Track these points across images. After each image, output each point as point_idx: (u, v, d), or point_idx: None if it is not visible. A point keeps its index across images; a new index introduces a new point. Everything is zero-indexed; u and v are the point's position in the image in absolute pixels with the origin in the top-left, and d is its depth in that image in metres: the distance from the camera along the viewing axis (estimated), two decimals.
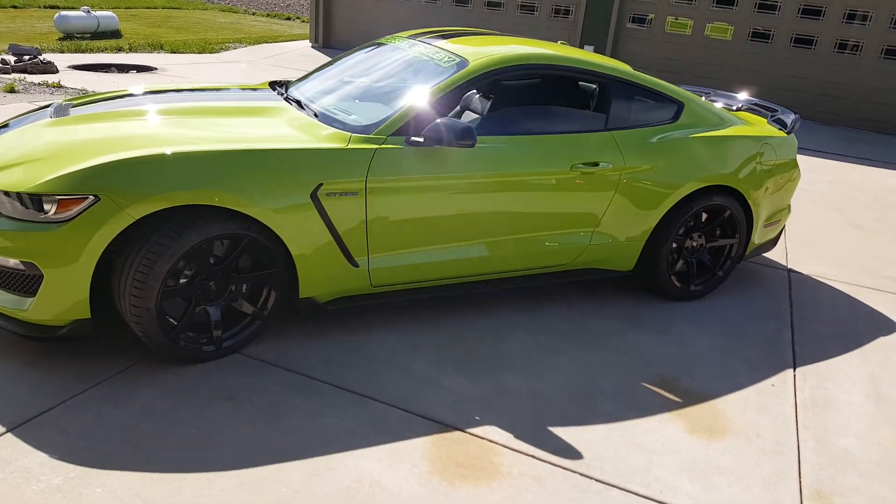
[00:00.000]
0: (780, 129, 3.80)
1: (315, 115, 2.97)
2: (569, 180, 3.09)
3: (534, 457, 2.33)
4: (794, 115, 3.87)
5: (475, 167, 2.88)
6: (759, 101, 4.13)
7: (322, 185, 2.61)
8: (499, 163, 2.94)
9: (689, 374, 2.96)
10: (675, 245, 3.49)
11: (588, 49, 4.24)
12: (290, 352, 2.80)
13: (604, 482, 2.26)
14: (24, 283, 2.44)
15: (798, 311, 3.70)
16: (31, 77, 7.51)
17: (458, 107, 3.05)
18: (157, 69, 8.88)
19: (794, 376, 3.05)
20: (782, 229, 4.04)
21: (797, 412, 2.78)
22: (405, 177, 2.75)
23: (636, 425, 2.57)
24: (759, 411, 2.75)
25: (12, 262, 2.40)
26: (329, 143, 2.70)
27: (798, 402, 2.85)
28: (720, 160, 3.42)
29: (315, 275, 2.72)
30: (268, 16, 20.48)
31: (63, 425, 2.24)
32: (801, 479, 2.37)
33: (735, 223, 3.57)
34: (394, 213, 2.78)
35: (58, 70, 8.04)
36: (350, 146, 2.70)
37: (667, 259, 3.45)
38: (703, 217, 3.52)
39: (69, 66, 8.46)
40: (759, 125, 3.79)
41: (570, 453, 2.37)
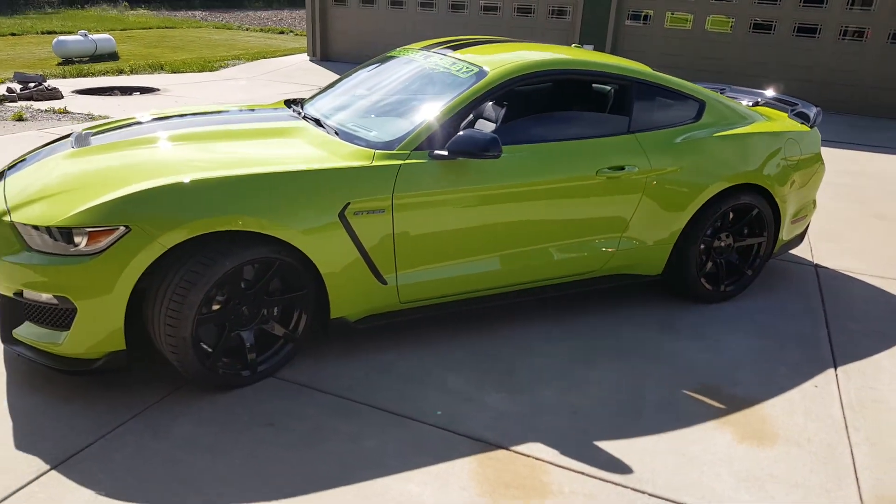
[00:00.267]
0: (803, 123, 3.75)
1: (336, 132, 2.93)
2: (595, 186, 3.04)
3: (583, 473, 2.28)
4: (816, 108, 3.82)
5: (501, 177, 2.84)
6: (779, 96, 4.08)
7: (349, 204, 2.57)
8: (524, 172, 2.89)
9: (731, 380, 2.90)
10: (703, 246, 3.44)
11: (587, 48, 4.22)
12: (322, 373, 2.75)
13: (657, 496, 2.20)
14: (58, 316, 2.40)
15: (831, 308, 3.64)
16: (37, 104, 7.51)
17: (471, 115, 3.01)
18: (159, 90, 8.88)
19: (837, 376, 2.98)
20: (808, 224, 3.98)
21: (844, 413, 2.71)
22: (430, 191, 2.71)
23: (683, 435, 2.51)
24: (805, 415, 2.69)
25: (45, 297, 2.37)
26: (353, 161, 2.67)
27: (844, 403, 2.79)
28: (746, 158, 3.37)
29: (345, 294, 2.68)
30: (262, 31, 20.52)
31: (105, 461, 2.20)
32: (859, 485, 2.31)
33: (763, 221, 3.52)
34: (420, 229, 2.74)
35: (63, 95, 8.05)
36: (375, 163, 2.66)
37: (696, 261, 3.40)
38: (730, 216, 3.47)
39: (73, 91, 8.47)
40: (781, 120, 3.74)
41: (620, 468, 2.32)
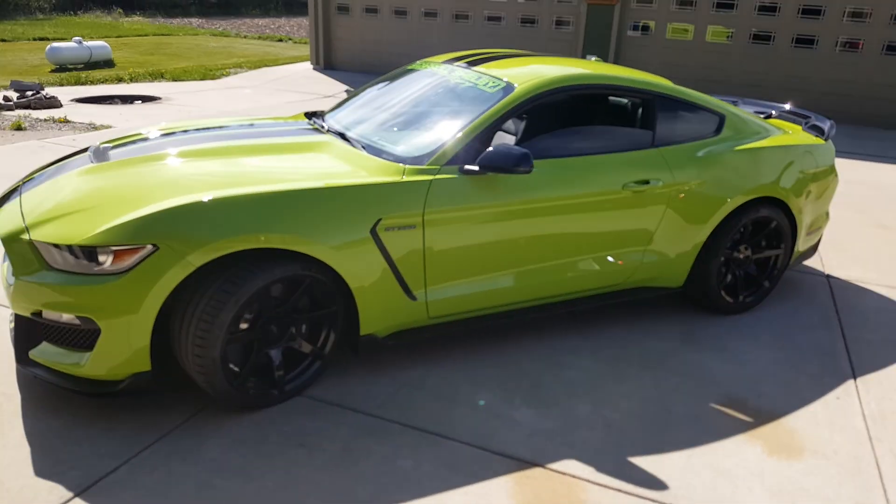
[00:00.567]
0: (818, 136, 3.79)
1: (363, 147, 2.92)
2: (621, 200, 3.05)
3: (620, 490, 2.27)
4: (830, 121, 3.86)
5: (530, 192, 2.83)
6: (792, 108, 4.12)
7: (381, 219, 2.55)
8: (553, 186, 2.89)
9: (755, 392, 2.91)
10: (723, 259, 3.45)
11: (591, 59, 4.24)
12: (351, 391, 2.73)
13: None
14: (79, 337, 2.36)
15: (846, 319, 3.66)
16: (35, 113, 7.42)
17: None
18: (161, 99, 8.81)
19: (857, 387, 3.00)
20: (821, 236, 4.01)
21: (867, 425, 2.73)
22: (460, 206, 2.70)
23: (715, 450, 2.51)
24: (829, 427, 2.70)
25: (66, 317, 2.32)
26: (384, 176, 2.65)
27: (866, 414, 2.81)
28: (765, 171, 3.39)
29: (374, 311, 2.66)
30: (259, 38, 20.45)
31: (134, 486, 2.15)
32: (887, 497, 2.32)
33: (781, 234, 3.54)
34: (450, 244, 2.72)
35: (62, 104, 7.96)
36: (406, 178, 2.65)
37: (717, 273, 3.41)
38: (749, 229, 3.49)
39: (72, 100, 8.38)
40: (796, 133, 3.78)
41: (656, 484, 2.31)
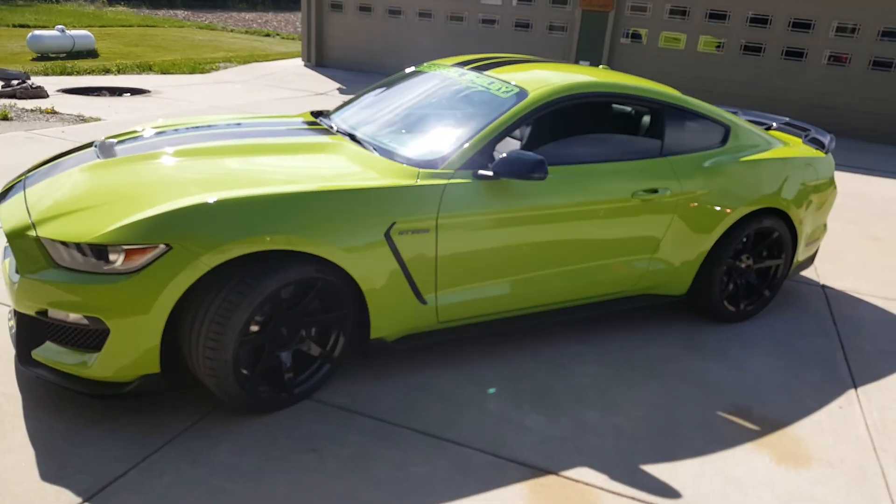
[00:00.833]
0: (818, 148, 3.85)
1: (374, 148, 2.89)
2: (630, 208, 3.06)
3: (635, 499, 2.27)
4: (829, 134, 3.92)
5: (543, 198, 2.83)
6: (792, 121, 4.18)
7: (395, 223, 2.53)
8: (565, 193, 2.89)
9: (760, 400, 2.94)
10: (726, 267, 3.48)
11: (584, 65, 4.26)
12: (360, 395, 2.69)
13: None
14: (87, 338, 2.29)
15: (843, 329, 3.72)
16: (21, 102, 7.25)
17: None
18: (150, 92, 8.66)
19: (858, 397, 3.05)
20: (819, 246, 4.08)
21: (871, 434, 2.77)
22: (474, 211, 2.68)
23: (724, 458, 2.53)
24: (834, 436, 2.73)
25: (73, 317, 2.25)
26: (399, 179, 2.62)
27: (868, 423, 2.85)
28: (769, 182, 3.43)
29: (385, 314, 2.63)
30: (247, 32, 20.22)
31: (143, 491, 2.10)
32: None
33: (782, 244, 3.59)
34: (462, 249, 2.71)
35: (48, 95, 7.79)
36: (420, 182, 2.62)
37: (720, 282, 3.44)
38: (751, 239, 3.53)
39: (59, 90, 8.21)
40: (797, 145, 3.83)
41: (669, 492, 2.31)
